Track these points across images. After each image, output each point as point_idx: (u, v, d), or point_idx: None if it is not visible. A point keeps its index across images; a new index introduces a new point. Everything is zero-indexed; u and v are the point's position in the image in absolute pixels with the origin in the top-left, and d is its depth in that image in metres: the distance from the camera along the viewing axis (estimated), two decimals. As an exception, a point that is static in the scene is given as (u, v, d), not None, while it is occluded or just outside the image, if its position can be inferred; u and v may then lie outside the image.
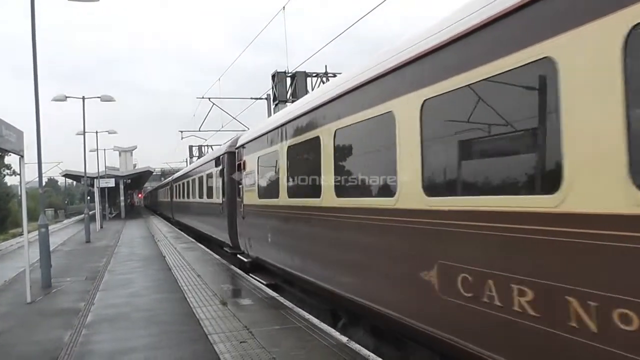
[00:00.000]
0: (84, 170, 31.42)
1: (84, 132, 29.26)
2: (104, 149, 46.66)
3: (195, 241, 21.61)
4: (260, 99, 24.29)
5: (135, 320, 8.19)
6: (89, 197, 40.11)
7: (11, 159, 51.99)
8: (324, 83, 17.77)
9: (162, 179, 64.02)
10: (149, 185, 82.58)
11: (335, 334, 6.74)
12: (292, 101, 17.44)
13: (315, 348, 6.20)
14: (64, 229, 38.87)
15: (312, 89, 18.16)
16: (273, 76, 19.78)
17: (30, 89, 11.83)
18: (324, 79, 18.88)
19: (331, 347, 6.16)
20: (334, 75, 18.15)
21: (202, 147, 45.97)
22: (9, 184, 59.42)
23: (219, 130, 29.95)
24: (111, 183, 41.65)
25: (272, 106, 20.39)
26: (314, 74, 19.22)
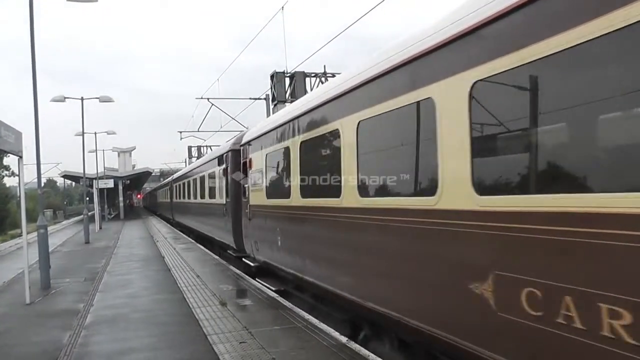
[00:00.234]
0: (83, 171, 31.43)
1: (82, 133, 29.27)
2: (103, 150, 46.87)
3: (194, 242, 21.61)
4: (259, 99, 24.27)
5: (135, 321, 8.18)
6: (87, 198, 40.10)
7: (10, 160, 52.01)
8: (322, 83, 17.72)
9: (161, 179, 63.99)
10: (148, 186, 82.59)
11: (335, 334, 6.74)
12: (291, 101, 17.40)
13: (315, 348, 6.20)
14: (63, 229, 38.85)
15: (311, 89, 18.12)
16: (272, 76, 19.77)
17: (30, 90, 11.85)
18: (322, 79, 18.86)
19: (331, 347, 6.17)
20: (332, 75, 18.10)
21: (201, 148, 46.04)
22: (7, 185, 59.36)
23: (218, 131, 29.93)
24: (110, 184, 41.64)
25: (271, 106, 20.37)
26: (312, 74, 19.19)
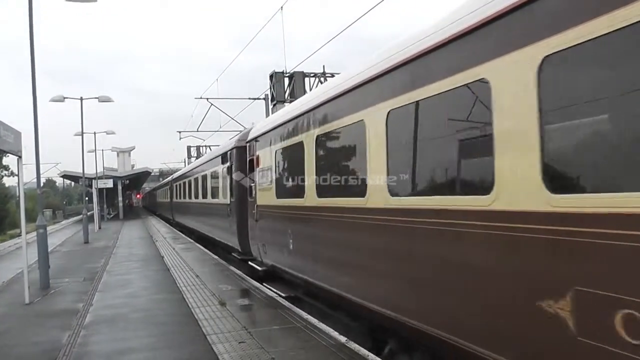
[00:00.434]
0: (82, 171, 31.41)
1: (82, 133, 29.25)
2: (102, 150, 46.65)
3: (193, 241, 21.62)
4: (259, 99, 24.29)
5: (134, 320, 8.19)
6: (87, 198, 40.06)
7: (9, 160, 52.00)
8: (321, 83, 17.72)
9: (160, 179, 63.99)
10: (147, 186, 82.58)
11: (334, 334, 6.74)
12: (290, 101, 17.39)
13: (314, 348, 6.20)
14: (62, 229, 38.86)
15: (310, 89, 18.12)
16: (271, 76, 19.77)
17: (29, 88, 11.84)
18: (321, 79, 18.87)
19: (330, 347, 6.17)
20: (331, 75, 18.11)
21: (200, 148, 46.07)
22: (7, 185, 59.34)
23: (217, 131, 29.93)
24: (109, 184, 41.61)
25: (270, 106, 20.37)
26: (311, 74, 19.20)
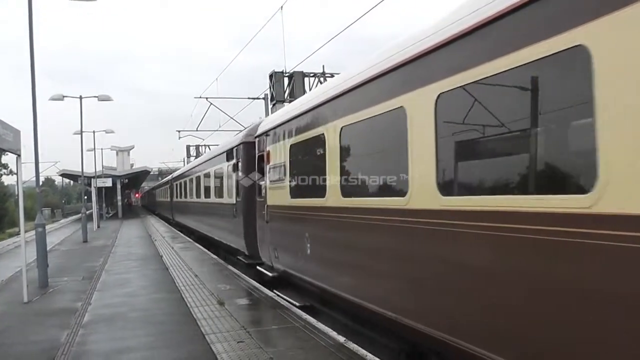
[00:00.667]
0: (81, 170, 31.38)
1: (81, 132, 29.26)
2: (101, 149, 46.87)
3: (192, 241, 21.62)
4: (258, 98, 24.29)
5: (132, 320, 8.18)
6: (86, 197, 40.04)
7: (8, 158, 52.06)
8: (321, 83, 17.70)
9: (160, 178, 63.95)
10: (146, 185, 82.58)
11: (333, 333, 6.74)
12: (290, 101, 17.38)
13: (313, 348, 6.20)
14: (61, 228, 38.84)
15: (310, 89, 18.11)
16: (270, 76, 19.77)
17: (28, 88, 11.83)
18: (321, 79, 18.87)
19: (329, 347, 6.17)
20: (331, 75, 18.11)
21: (200, 147, 46.08)
22: (6, 184, 59.40)
23: (217, 130, 29.91)
24: (108, 183, 41.62)
25: (270, 106, 20.38)
26: (311, 74, 19.20)
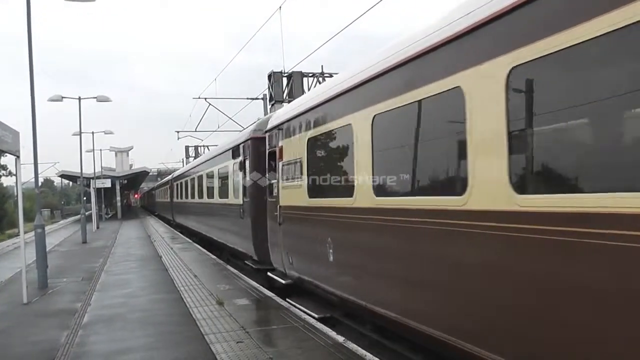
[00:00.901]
0: (80, 171, 31.39)
1: (80, 133, 29.26)
2: (100, 150, 46.59)
3: (191, 241, 21.62)
4: (257, 99, 24.31)
5: (132, 320, 8.19)
6: (85, 198, 40.05)
7: (7, 160, 51.91)
8: (320, 83, 17.71)
9: (159, 179, 63.89)
10: (145, 186, 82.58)
11: (332, 333, 6.74)
12: (289, 101, 17.40)
13: (312, 348, 6.21)
14: (60, 229, 38.85)
15: (309, 89, 18.12)
16: (269, 76, 19.80)
17: (27, 89, 11.82)
18: (320, 79, 18.89)
19: (328, 347, 6.18)
20: (330, 75, 18.13)
21: (199, 148, 46.07)
22: (5, 185, 59.32)
23: (215, 131, 29.93)
24: (107, 183, 41.56)
25: (269, 106, 20.40)
26: (310, 74, 19.22)
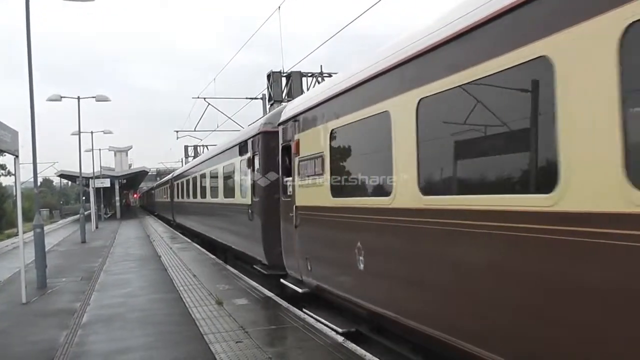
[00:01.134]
0: (79, 170, 31.38)
1: (79, 132, 29.27)
2: (99, 149, 46.60)
3: (190, 241, 21.62)
4: (256, 98, 24.32)
5: (131, 320, 8.19)
6: (84, 197, 40.05)
7: (6, 159, 51.79)
8: (319, 83, 17.71)
9: (158, 179, 63.86)
10: (144, 186, 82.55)
11: (331, 333, 6.75)
12: (288, 101, 17.39)
13: (312, 348, 6.22)
14: (59, 229, 38.79)
15: (308, 89, 18.12)
16: (268, 76, 19.79)
17: (26, 88, 11.82)
18: (319, 79, 18.88)
19: (327, 347, 6.18)
20: (329, 75, 18.13)
21: (198, 147, 46.07)
22: (3, 185, 59.25)
23: (215, 130, 29.96)
24: (106, 183, 41.61)
25: (268, 106, 20.40)
26: (309, 74, 19.22)
